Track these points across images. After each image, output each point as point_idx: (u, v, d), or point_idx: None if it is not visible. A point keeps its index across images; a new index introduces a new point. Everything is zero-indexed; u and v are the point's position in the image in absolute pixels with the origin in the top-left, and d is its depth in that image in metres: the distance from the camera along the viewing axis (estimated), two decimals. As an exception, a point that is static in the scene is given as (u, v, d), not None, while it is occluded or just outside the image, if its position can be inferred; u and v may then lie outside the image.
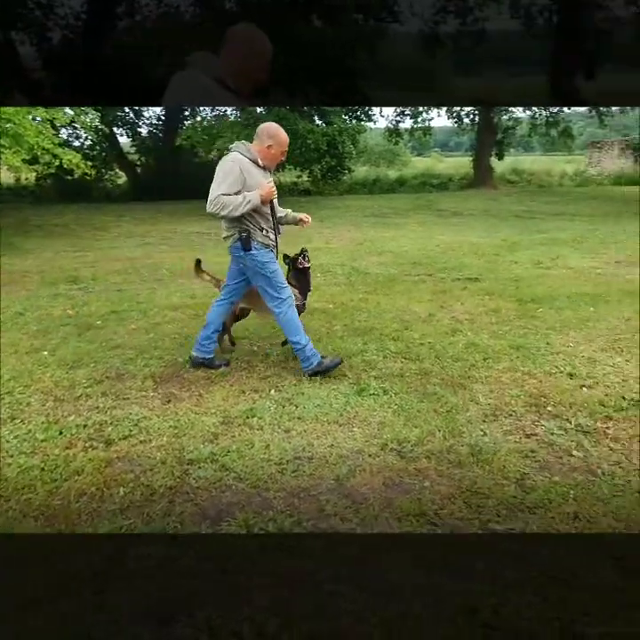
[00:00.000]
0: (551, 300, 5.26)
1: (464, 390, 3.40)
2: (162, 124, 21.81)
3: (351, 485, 2.45)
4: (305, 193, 21.71)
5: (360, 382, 3.54)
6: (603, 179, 21.26)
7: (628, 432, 2.85)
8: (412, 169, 27.36)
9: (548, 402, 3.21)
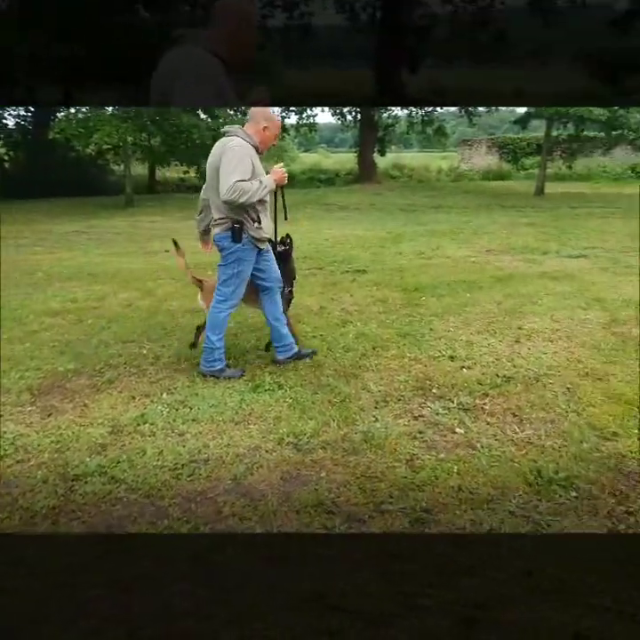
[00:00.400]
0: (433, 288, 5.59)
1: (356, 379, 3.51)
2: (31, 115, 20.12)
3: (249, 483, 2.44)
4: (194, 189, 21.12)
5: (255, 379, 3.54)
6: (474, 174, 22.91)
7: (502, 406, 3.12)
8: (299, 164, 27.60)
9: (432, 384, 3.42)
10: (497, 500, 2.29)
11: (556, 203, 13.61)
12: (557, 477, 2.42)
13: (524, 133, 21.34)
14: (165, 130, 15.20)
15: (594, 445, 2.68)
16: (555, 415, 3.00)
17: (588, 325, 4.37)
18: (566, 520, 2.17)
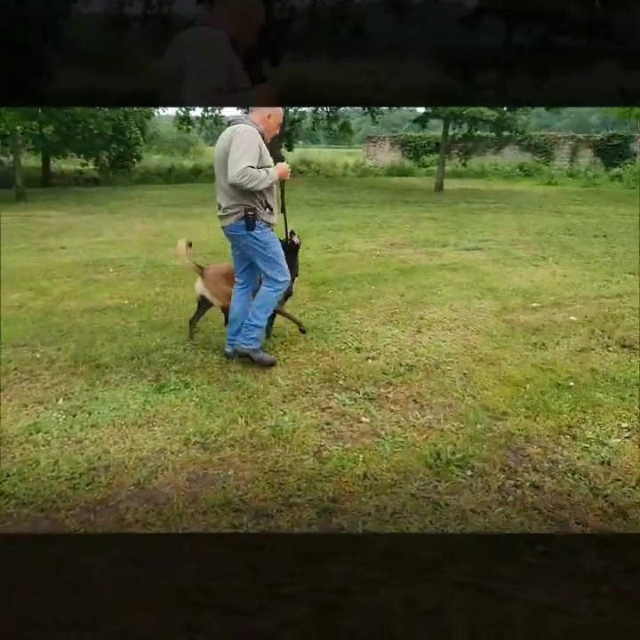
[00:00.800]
0: (339, 281, 5.70)
1: (264, 375, 3.51)
2: None
3: (153, 488, 2.37)
4: (93, 182, 20.03)
5: (160, 378, 3.43)
6: (378, 170, 23.60)
7: (405, 394, 3.25)
8: (207, 158, 26.99)
9: (339, 376, 3.49)
10: (400, 485, 2.39)
11: (454, 198, 14.35)
12: (454, 458, 2.56)
13: (424, 132, 22.26)
14: (59, 118, 14.27)
15: (487, 426, 2.86)
16: (452, 399, 3.17)
17: (483, 314, 4.66)
18: (462, 498, 2.31)
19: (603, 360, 3.66)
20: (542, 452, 2.63)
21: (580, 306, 4.83)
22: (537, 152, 23.51)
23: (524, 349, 3.87)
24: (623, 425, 2.85)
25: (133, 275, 6.22)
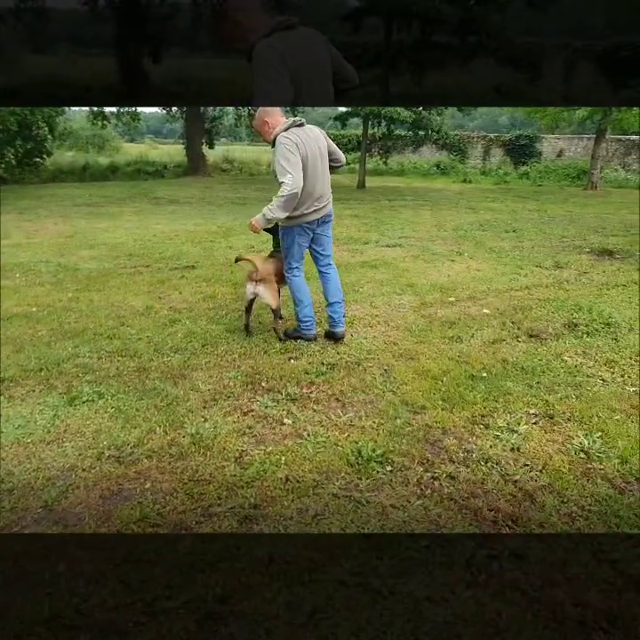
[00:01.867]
0: (262, 281, 5.64)
1: (184, 380, 3.41)
2: None
3: (63, 509, 2.23)
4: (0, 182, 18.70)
5: (71, 390, 3.25)
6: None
7: (327, 393, 3.26)
8: (124, 155, 25.97)
9: (262, 378, 3.45)
10: (322, 485, 2.39)
11: (375, 195, 14.64)
12: (375, 455, 2.60)
13: (345, 130, 22.55)
14: (-46, 113, 13.18)
15: (406, 420, 2.93)
16: (373, 396, 3.22)
17: (402, 309, 4.78)
18: (382, 494, 2.35)
19: (512, 350, 3.85)
20: (458, 443, 2.72)
21: (493, 299, 5.07)
22: (452, 151, 24.47)
23: (441, 343, 4.00)
24: (531, 411, 3.01)
25: (43, 279, 5.86)
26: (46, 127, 17.18)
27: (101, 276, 6.03)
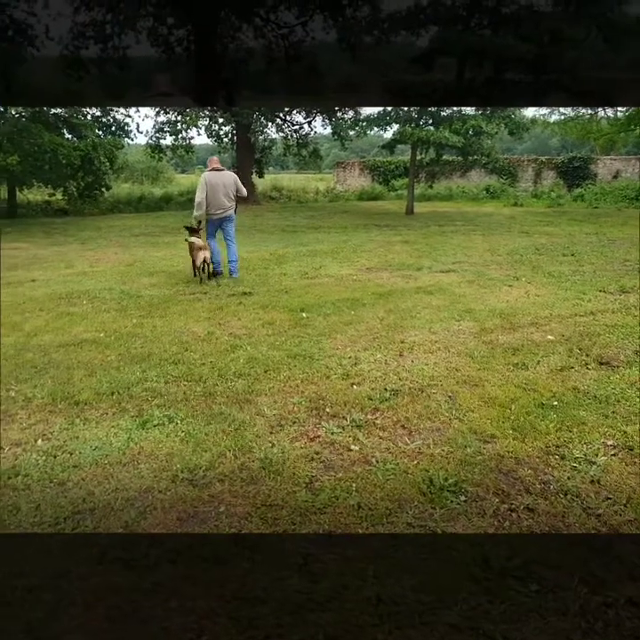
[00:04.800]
0: (318, 307, 5.70)
1: (250, 405, 3.46)
2: None
3: (142, 530, 2.29)
4: (61, 213, 19.79)
5: (142, 413, 3.35)
6: (349, 195, 23.96)
7: (392, 419, 3.24)
8: (177, 186, 26.99)
9: (325, 404, 3.47)
10: (395, 514, 2.36)
11: (424, 221, 14.63)
12: (447, 484, 2.55)
13: (392, 157, 22.77)
14: (25, 149, 14.09)
15: (476, 449, 2.87)
16: (440, 423, 3.18)
17: (462, 335, 4.72)
18: (458, 524, 2.29)
19: (583, 378, 3.72)
20: (533, 474, 2.64)
21: (556, 325, 4.94)
22: (502, 174, 24.26)
23: (505, 370, 3.92)
24: (609, 442, 2.89)
25: (108, 306, 6.11)
26: (107, 161, 18.09)
27: (162, 302, 6.23)
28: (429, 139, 14.58)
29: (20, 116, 14.38)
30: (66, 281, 7.66)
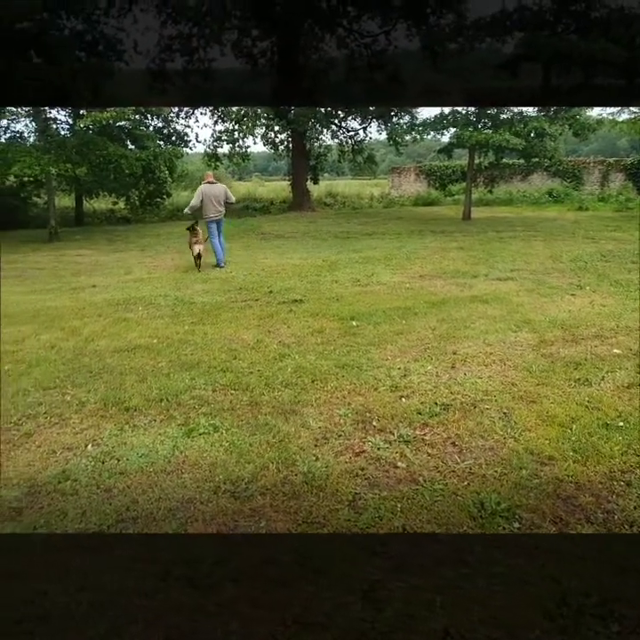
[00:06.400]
0: (369, 316, 5.60)
1: (295, 416, 3.40)
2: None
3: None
4: (123, 221, 20.62)
5: (189, 422, 3.36)
6: (404, 200, 23.67)
7: (442, 436, 3.10)
8: (234, 193, 27.52)
9: (372, 417, 3.36)
10: (442, 539, 2.23)
11: (482, 227, 14.21)
12: (500, 509, 2.40)
13: (449, 161, 22.33)
14: (91, 160, 14.76)
15: (532, 471, 2.69)
16: (493, 442, 3.01)
17: (519, 348, 4.49)
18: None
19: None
20: (595, 501, 2.44)
21: (623, 337, 4.62)
22: (566, 177, 23.29)
23: (566, 386, 3.68)
24: (683, 470, 2.64)
25: (162, 312, 6.24)
26: (167, 170, 18.69)
27: (214, 309, 6.31)
28: (488, 142, 14.17)
29: (87, 129, 15.05)
30: (124, 287, 7.91)
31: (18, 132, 18.47)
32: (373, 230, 14.51)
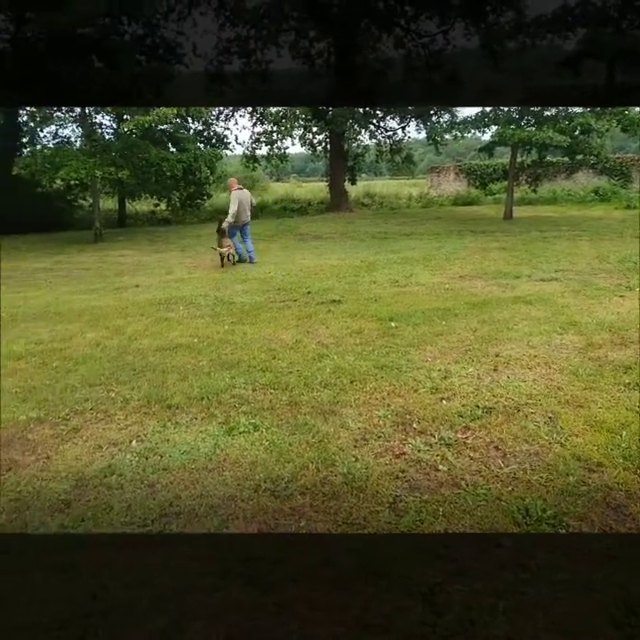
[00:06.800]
0: (408, 317, 5.54)
1: (334, 417, 3.40)
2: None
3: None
4: (164, 222, 21.07)
5: (229, 420, 3.39)
6: (443, 200, 23.37)
7: (485, 440, 3.03)
8: (271, 194, 27.82)
9: (412, 419, 3.32)
10: (486, 544, 2.19)
11: (524, 226, 13.89)
12: (546, 515, 2.33)
13: (490, 160, 21.95)
14: (135, 163, 15.16)
15: (580, 478, 2.60)
16: (538, 447, 2.93)
17: (565, 350, 4.36)
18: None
19: None
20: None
21: (676, 341, 4.42)
22: (613, 175, 22.53)
23: (615, 390, 3.55)
24: None
25: (202, 312, 6.34)
26: (207, 172, 19.01)
27: (253, 309, 6.36)
28: (531, 139, 13.84)
29: (130, 132, 15.45)
30: (165, 287, 8.08)
31: (65, 137, 19.17)
32: (411, 230, 14.37)
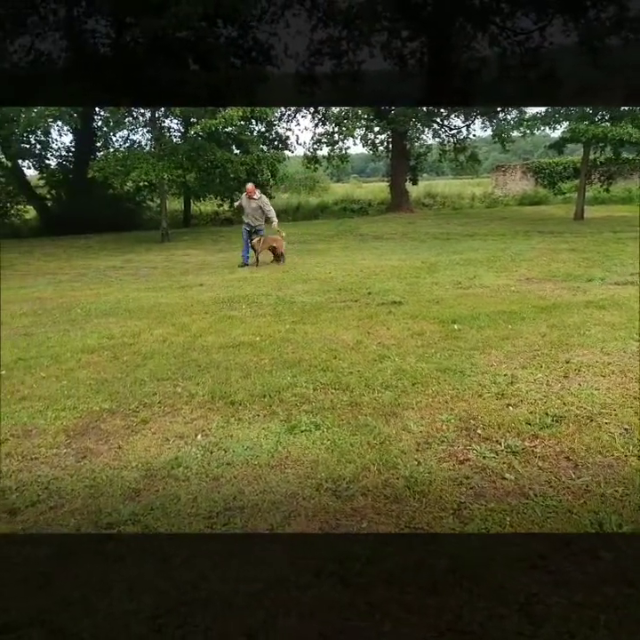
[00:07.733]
0: (472, 319, 5.40)
1: (396, 419, 3.36)
2: (72, 155, 21.03)
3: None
4: (227, 222, 21.59)
5: (291, 419, 3.43)
6: (509, 200, 22.68)
7: (555, 449, 2.91)
8: (332, 195, 27.94)
9: (477, 424, 3.24)
10: (556, 559, 2.09)
11: (596, 227, 13.25)
12: (622, 531, 2.20)
13: (559, 157, 21.09)
14: (200, 165, 15.61)
15: (660, 494, 2.45)
16: (613, 459, 2.78)
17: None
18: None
19: None
20: None
21: None
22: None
23: (699, 402, 3.32)
24: None
25: (264, 311, 6.44)
26: (270, 173, 19.33)
27: (314, 309, 6.40)
28: (606, 135, 13.19)
29: (197, 135, 15.92)
30: (228, 286, 8.27)
31: (135, 141, 20.02)
32: (475, 231, 14.03)
